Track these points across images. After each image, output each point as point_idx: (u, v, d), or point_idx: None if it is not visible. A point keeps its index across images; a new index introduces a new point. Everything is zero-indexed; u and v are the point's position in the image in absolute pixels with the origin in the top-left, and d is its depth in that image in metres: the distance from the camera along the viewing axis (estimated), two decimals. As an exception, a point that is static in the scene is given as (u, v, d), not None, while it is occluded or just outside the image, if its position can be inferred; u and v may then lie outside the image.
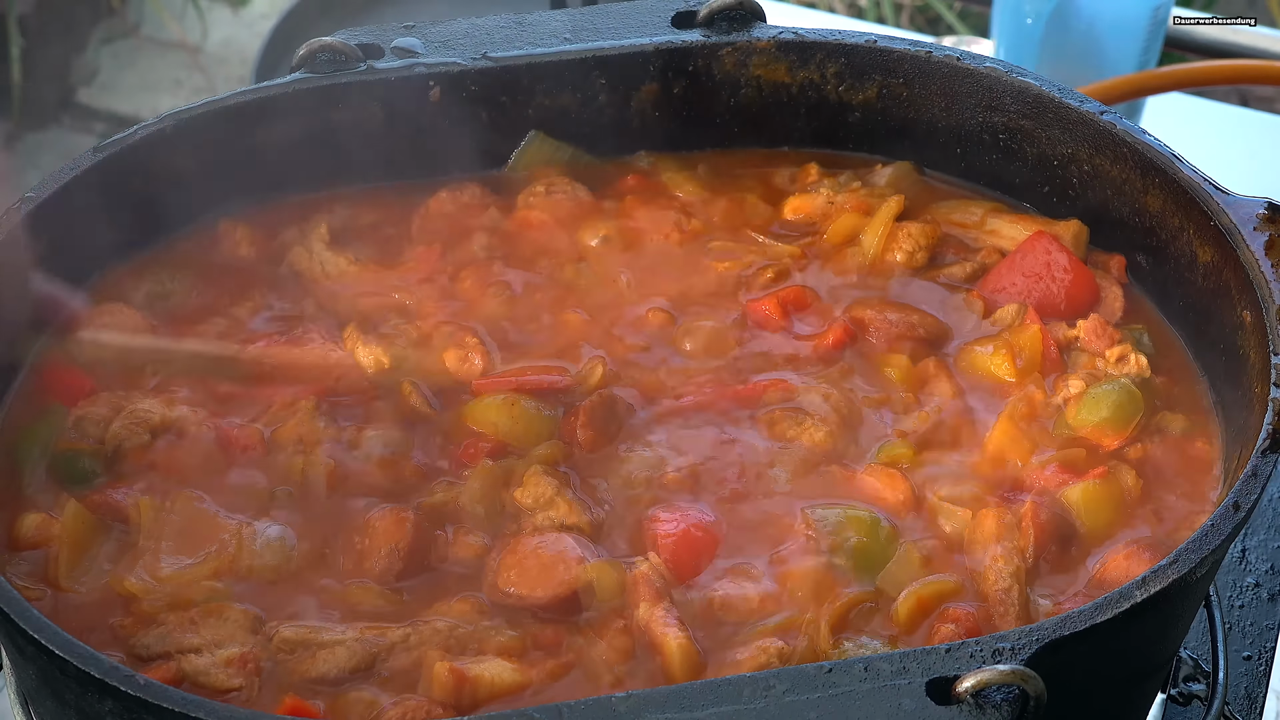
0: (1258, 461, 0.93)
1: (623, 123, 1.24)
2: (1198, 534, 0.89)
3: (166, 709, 0.81)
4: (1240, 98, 2.60)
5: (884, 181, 1.24)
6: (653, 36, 1.21)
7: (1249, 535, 1.25)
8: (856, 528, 1.00)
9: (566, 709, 0.80)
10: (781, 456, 1.05)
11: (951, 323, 1.15)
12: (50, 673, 0.86)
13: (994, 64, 1.20)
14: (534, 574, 0.97)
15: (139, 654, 0.93)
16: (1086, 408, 1.07)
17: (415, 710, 0.90)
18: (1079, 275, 1.15)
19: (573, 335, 1.14)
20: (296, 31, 2.17)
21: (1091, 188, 1.18)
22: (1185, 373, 1.12)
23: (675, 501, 1.02)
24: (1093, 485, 1.03)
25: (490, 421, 1.06)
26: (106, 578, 0.97)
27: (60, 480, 1.03)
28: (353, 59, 1.16)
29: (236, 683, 0.92)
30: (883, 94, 1.24)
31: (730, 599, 0.97)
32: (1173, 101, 1.87)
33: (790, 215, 1.23)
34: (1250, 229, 1.05)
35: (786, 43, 1.22)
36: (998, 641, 0.83)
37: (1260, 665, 1.17)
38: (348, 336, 1.11)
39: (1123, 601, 0.86)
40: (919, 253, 1.19)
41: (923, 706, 0.81)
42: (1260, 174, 1.78)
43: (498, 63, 1.18)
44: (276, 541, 0.99)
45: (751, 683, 0.81)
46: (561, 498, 1.01)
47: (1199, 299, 1.11)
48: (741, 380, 1.10)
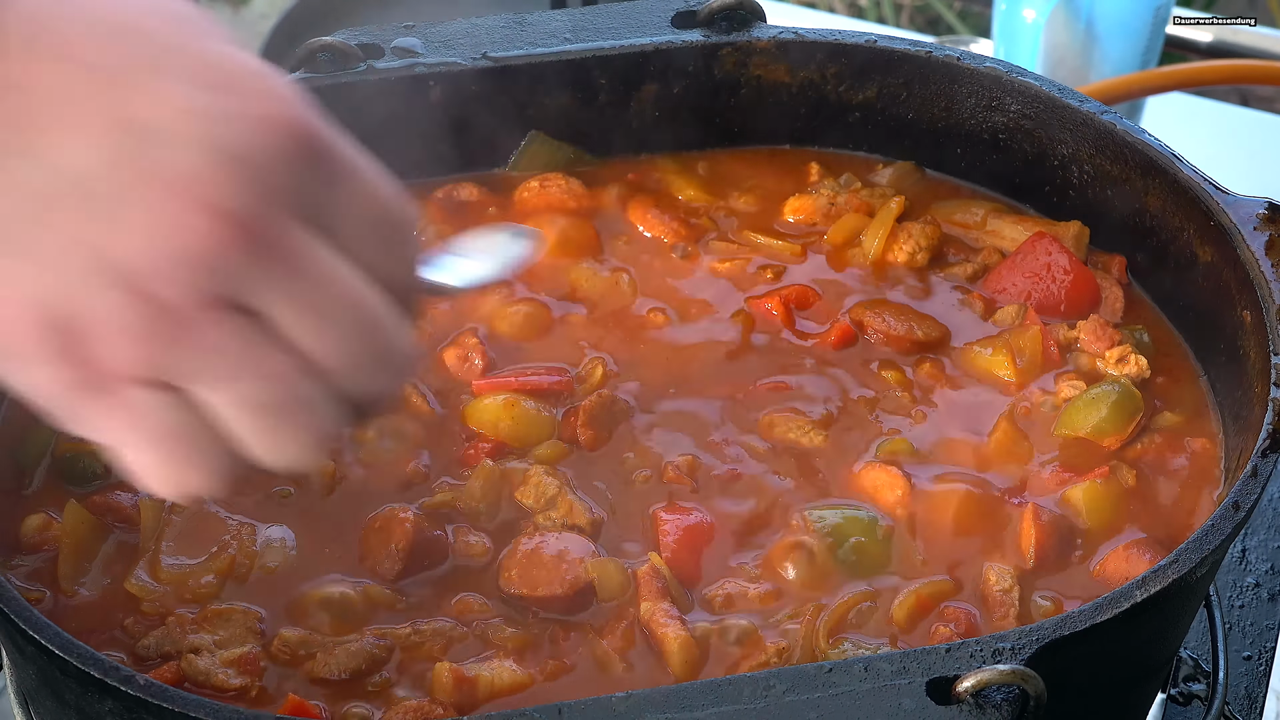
0: (1258, 461, 0.93)
1: (623, 123, 1.24)
2: (1198, 534, 0.89)
3: (167, 709, 0.81)
4: (1240, 98, 2.60)
5: (885, 181, 1.24)
6: (653, 36, 1.21)
7: (1249, 535, 1.25)
8: (855, 528, 1.00)
9: (566, 709, 0.80)
10: (781, 456, 1.06)
11: (952, 323, 1.15)
12: (50, 673, 0.86)
13: (994, 64, 1.20)
14: (536, 574, 0.97)
15: (140, 654, 0.93)
16: (1087, 408, 1.07)
17: (416, 710, 0.90)
18: (1079, 276, 1.15)
19: (573, 335, 1.14)
20: (296, 31, 2.16)
21: (1092, 188, 1.18)
22: (1185, 373, 1.12)
23: (676, 501, 1.02)
24: (1093, 485, 1.03)
25: (491, 422, 1.06)
26: (107, 579, 0.97)
27: (62, 481, 1.03)
28: (353, 59, 1.16)
29: (237, 683, 0.92)
30: (883, 94, 1.24)
31: (731, 598, 0.97)
32: (1173, 101, 1.87)
33: (790, 216, 1.23)
34: (1250, 229, 1.05)
35: (786, 43, 1.22)
36: (998, 641, 0.83)
37: (1260, 665, 1.17)
38: (348, 336, 1.11)
39: (1123, 601, 0.86)
40: (920, 253, 1.19)
41: (923, 706, 0.81)
42: (1260, 174, 1.78)
43: (498, 63, 1.18)
44: (277, 542, 0.99)
45: (751, 683, 0.81)
46: (563, 497, 1.01)
47: (1199, 299, 1.11)
48: (742, 380, 1.11)
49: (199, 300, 0.69)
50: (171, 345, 0.69)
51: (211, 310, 0.69)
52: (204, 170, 0.68)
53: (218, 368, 0.70)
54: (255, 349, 0.70)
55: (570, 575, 0.97)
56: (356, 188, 0.73)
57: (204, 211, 0.67)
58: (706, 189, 1.24)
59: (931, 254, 1.19)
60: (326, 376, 0.72)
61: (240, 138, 0.68)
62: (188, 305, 0.68)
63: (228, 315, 0.69)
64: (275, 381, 0.71)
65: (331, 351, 0.71)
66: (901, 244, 1.19)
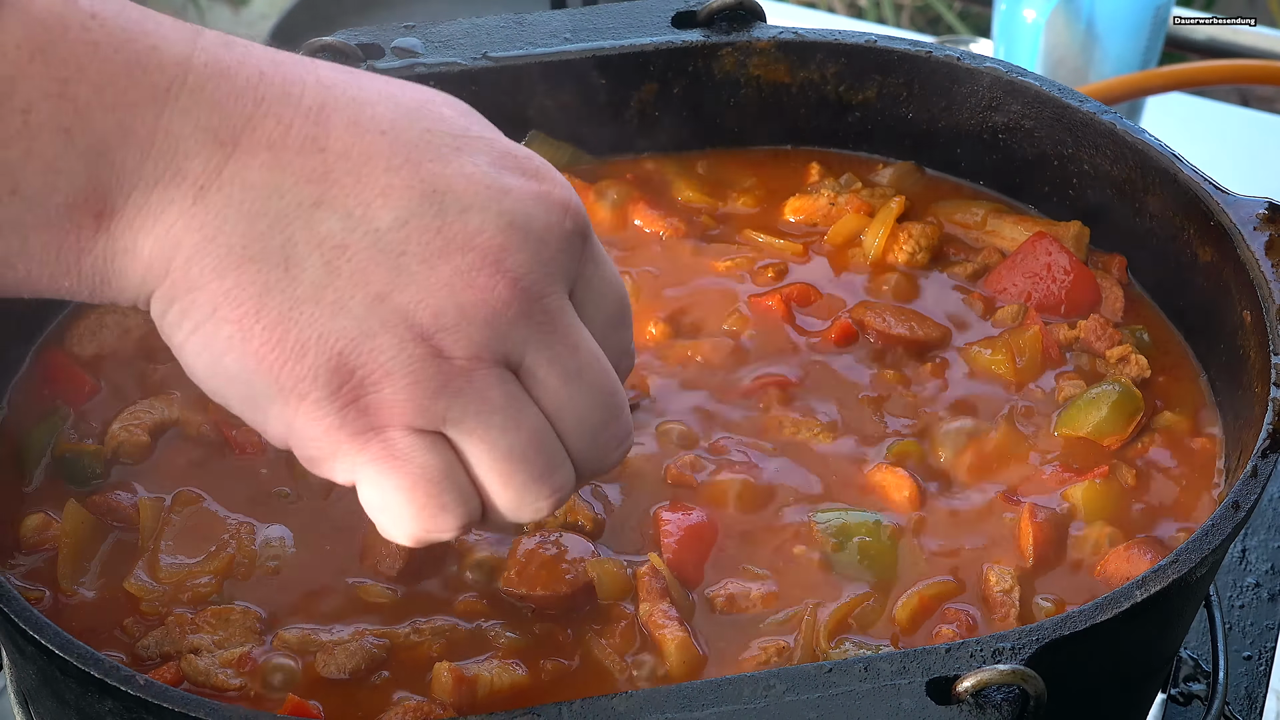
0: (1258, 461, 0.93)
1: (623, 123, 1.24)
2: (1198, 534, 0.89)
3: (167, 709, 0.81)
4: (1240, 98, 2.60)
5: (885, 181, 1.24)
6: (653, 36, 1.21)
7: (1249, 535, 1.25)
8: (858, 528, 1.00)
9: (566, 709, 0.80)
10: (784, 456, 1.05)
11: (952, 323, 1.15)
12: (50, 673, 0.86)
13: (994, 64, 1.20)
14: (537, 573, 0.97)
15: (139, 654, 0.93)
16: (1086, 408, 1.07)
17: (416, 710, 0.90)
18: (1080, 276, 1.15)
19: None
20: (296, 31, 2.17)
21: (1092, 188, 1.18)
22: (1185, 372, 1.12)
23: (678, 500, 1.02)
24: (1093, 485, 1.03)
25: (491, 421, 1.06)
26: (107, 579, 0.97)
27: (62, 481, 1.03)
28: (353, 59, 1.16)
29: (237, 683, 0.92)
30: (883, 94, 1.24)
31: (732, 597, 0.97)
32: (1173, 101, 1.87)
33: (791, 216, 1.23)
34: (1250, 229, 1.05)
35: (786, 43, 1.22)
36: (998, 641, 0.83)
37: (1260, 665, 1.17)
38: (348, 336, 1.11)
39: (1123, 601, 0.86)
40: (920, 253, 1.19)
41: (923, 706, 0.81)
42: (1260, 174, 1.78)
43: (498, 63, 1.18)
44: (276, 542, 0.99)
45: (751, 683, 0.81)
46: (564, 496, 1.01)
47: (1199, 299, 1.11)
48: (744, 379, 1.11)
49: (481, 357, 0.75)
50: (450, 396, 0.75)
51: (488, 366, 0.76)
52: (499, 238, 0.75)
53: (484, 417, 0.76)
54: (519, 405, 0.77)
55: (571, 575, 0.97)
56: (604, 273, 0.81)
57: (498, 274, 0.75)
58: (706, 189, 1.24)
59: (932, 254, 1.19)
60: (569, 438, 0.79)
61: (531, 213, 0.76)
62: (470, 361, 0.75)
63: (500, 371, 0.76)
64: (531, 435, 0.78)
65: (579, 415, 0.79)
66: (902, 244, 1.19)
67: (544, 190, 0.77)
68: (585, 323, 0.80)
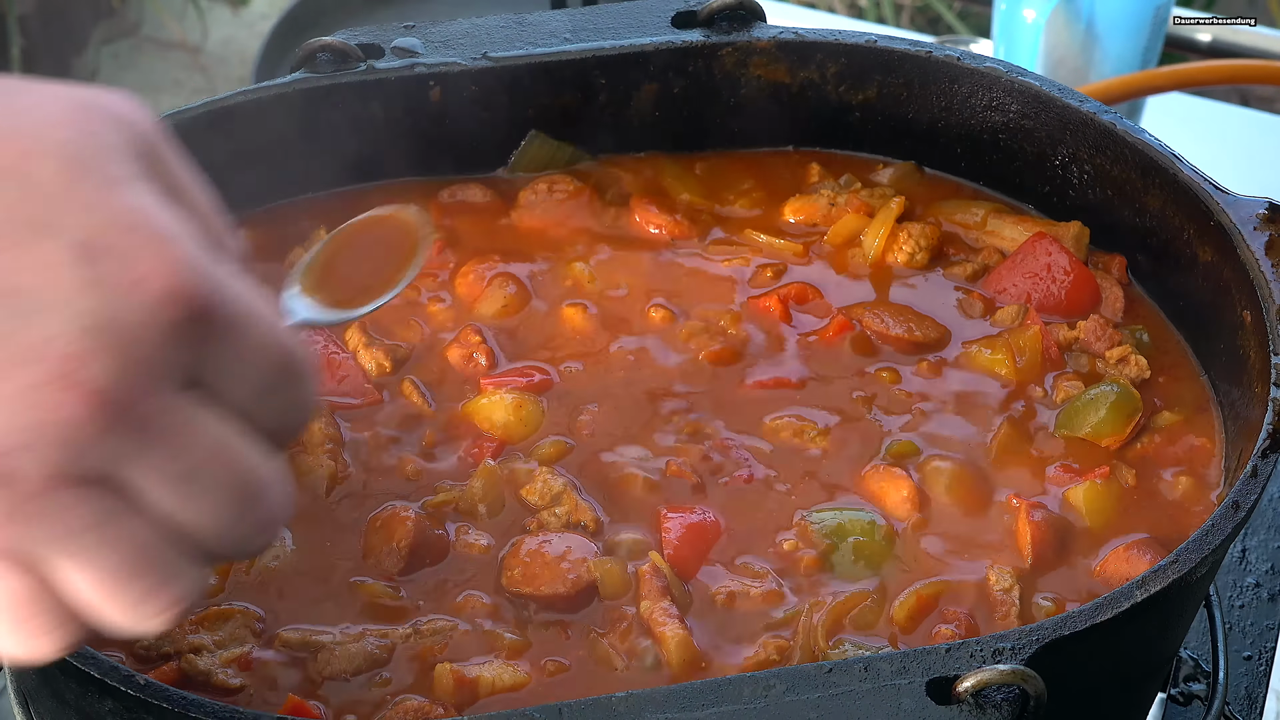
0: (1258, 461, 0.93)
1: (623, 123, 1.24)
2: (1198, 534, 0.89)
3: (167, 709, 0.81)
4: (1240, 98, 2.60)
5: (885, 182, 1.24)
6: (653, 36, 1.21)
7: (1249, 535, 1.25)
8: (853, 528, 1.00)
9: (567, 709, 0.80)
10: (782, 456, 1.06)
11: (952, 323, 1.15)
12: (50, 672, 0.86)
13: (994, 64, 1.20)
14: (538, 572, 0.97)
15: (139, 654, 0.93)
16: (1085, 409, 1.07)
17: (416, 710, 0.90)
18: (1080, 276, 1.15)
19: (575, 334, 1.14)
20: (296, 31, 2.17)
21: (1092, 188, 1.18)
22: (1185, 372, 1.12)
23: (679, 499, 1.02)
24: (1093, 485, 1.03)
25: (494, 420, 1.06)
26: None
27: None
28: (353, 59, 1.16)
29: (237, 683, 0.92)
30: (883, 94, 1.24)
31: (733, 596, 0.97)
32: (1173, 101, 1.87)
33: (791, 216, 1.23)
34: (1250, 229, 1.05)
35: (786, 43, 1.22)
36: (998, 641, 0.83)
37: (1260, 665, 1.17)
38: (349, 337, 1.11)
39: (1123, 601, 0.86)
40: (920, 253, 1.19)
41: (922, 706, 0.81)
42: (1260, 174, 1.78)
43: (498, 63, 1.18)
44: (277, 541, 0.99)
45: (751, 683, 0.81)
46: (567, 495, 1.01)
47: (1199, 299, 1.11)
48: (743, 379, 1.11)
49: (57, 477, 0.66)
50: (22, 522, 0.66)
51: (69, 486, 0.66)
52: (73, 345, 0.65)
53: (70, 539, 0.67)
54: (114, 521, 0.68)
55: (573, 574, 0.97)
56: (246, 340, 0.70)
57: (68, 389, 0.65)
58: (706, 189, 1.24)
59: (931, 254, 1.19)
60: (192, 539, 0.70)
61: (115, 308, 0.65)
62: (44, 483, 0.66)
63: (85, 490, 0.67)
64: (135, 550, 0.69)
65: (198, 519, 0.69)
66: (902, 244, 1.19)
67: (139, 275, 0.65)
68: (227, 400, 0.70)
